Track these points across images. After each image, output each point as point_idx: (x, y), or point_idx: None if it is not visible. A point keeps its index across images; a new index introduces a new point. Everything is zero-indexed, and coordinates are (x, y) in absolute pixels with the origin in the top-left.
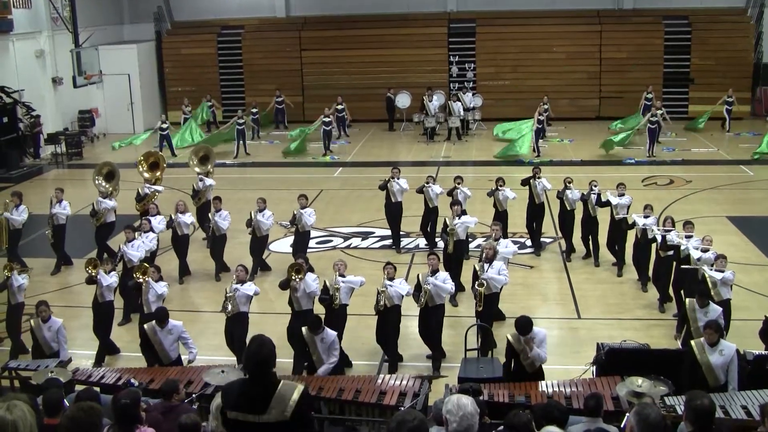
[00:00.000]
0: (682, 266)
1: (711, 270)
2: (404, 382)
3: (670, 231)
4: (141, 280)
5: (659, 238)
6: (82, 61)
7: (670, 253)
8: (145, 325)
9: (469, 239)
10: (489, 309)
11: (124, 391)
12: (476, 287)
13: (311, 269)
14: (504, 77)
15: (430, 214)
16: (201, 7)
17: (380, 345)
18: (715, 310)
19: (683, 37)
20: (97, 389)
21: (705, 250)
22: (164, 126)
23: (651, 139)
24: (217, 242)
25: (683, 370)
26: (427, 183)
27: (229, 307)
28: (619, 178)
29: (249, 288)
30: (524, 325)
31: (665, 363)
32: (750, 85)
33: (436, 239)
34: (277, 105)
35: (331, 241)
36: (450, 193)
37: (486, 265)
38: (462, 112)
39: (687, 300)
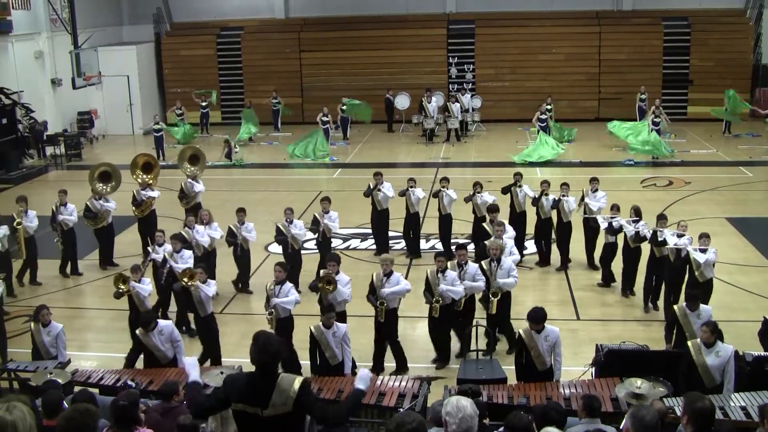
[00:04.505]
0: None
1: (695, 251)
2: (403, 384)
3: (614, 218)
4: (189, 285)
5: (604, 225)
6: (82, 62)
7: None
8: (137, 331)
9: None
10: (504, 309)
11: (123, 392)
12: (490, 296)
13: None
14: (503, 78)
15: (411, 220)
16: (200, 8)
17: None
18: (706, 311)
19: (682, 38)
20: (96, 390)
21: (680, 236)
22: (157, 128)
23: None
24: (244, 255)
25: (680, 371)
26: (411, 187)
27: (272, 322)
28: (618, 179)
29: (289, 301)
30: (535, 316)
31: (664, 364)
32: (749, 86)
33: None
34: (273, 107)
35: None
36: (435, 195)
37: (494, 264)
38: (461, 114)
39: (675, 307)
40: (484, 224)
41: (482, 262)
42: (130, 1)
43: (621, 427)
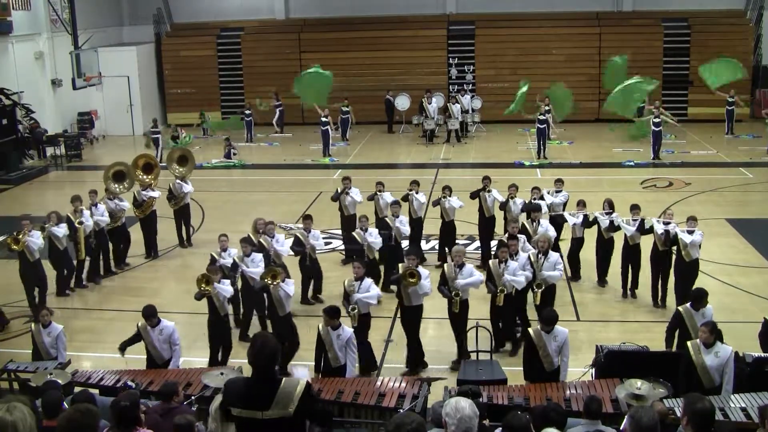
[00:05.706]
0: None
1: (682, 232)
2: (403, 385)
3: (579, 212)
4: (272, 284)
5: (575, 220)
6: (82, 63)
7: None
8: (139, 324)
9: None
10: (549, 300)
11: (124, 393)
12: (534, 288)
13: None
14: (503, 79)
15: (380, 224)
16: (200, 8)
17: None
18: (710, 310)
19: (682, 39)
20: (96, 391)
21: (667, 224)
22: (155, 130)
23: (656, 142)
24: (314, 264)
25: (680, 371)
26: (379, 191)
27: (355, 314)
28: (618, 180)
29: (371, 296)
30: (548, 317)
31: (664, 365)
32: (749, 87)
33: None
34: (277, 108)
35: (331, 243)
36: (405, 199)
37: (541, 257)
38: (461, 115)
39: (681, 308)
40: (524, 222)
41: (530, 254)
42: (130, 1)
43: (621, 429)
